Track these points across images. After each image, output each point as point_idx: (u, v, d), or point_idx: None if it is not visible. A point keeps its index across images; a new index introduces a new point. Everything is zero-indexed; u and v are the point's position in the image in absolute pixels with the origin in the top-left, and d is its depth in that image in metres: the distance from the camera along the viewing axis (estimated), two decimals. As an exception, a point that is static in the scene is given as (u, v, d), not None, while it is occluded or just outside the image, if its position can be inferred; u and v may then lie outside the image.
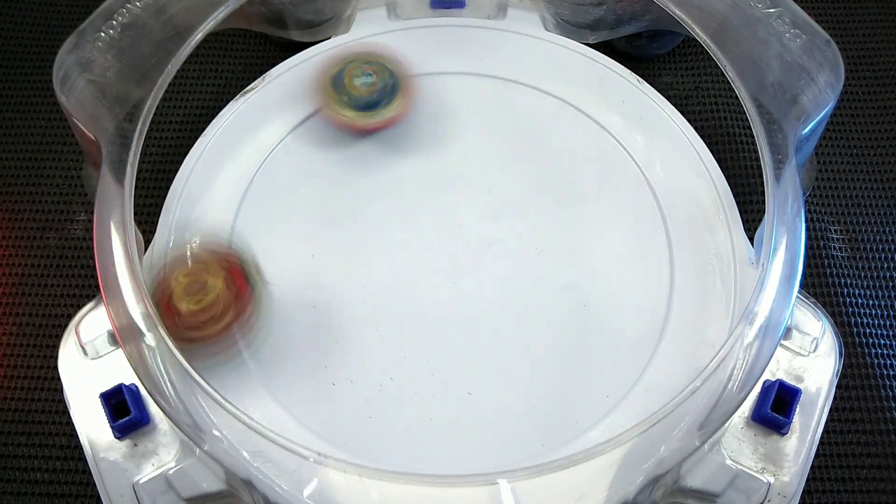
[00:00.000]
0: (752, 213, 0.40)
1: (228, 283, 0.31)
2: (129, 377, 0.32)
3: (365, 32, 0.41)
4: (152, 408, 0.32)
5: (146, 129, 0.34)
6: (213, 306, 0.31)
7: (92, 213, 0.33)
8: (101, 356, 0.33)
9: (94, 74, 0.35)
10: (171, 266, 0.32)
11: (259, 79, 0.40)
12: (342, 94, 0.38)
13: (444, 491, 0.29)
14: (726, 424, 0.31)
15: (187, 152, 0.38)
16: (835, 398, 0.33)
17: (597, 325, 0.35)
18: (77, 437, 0.32)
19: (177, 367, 0.30)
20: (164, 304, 0.31)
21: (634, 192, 0.37)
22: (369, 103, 0.37)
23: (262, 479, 0.30)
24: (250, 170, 0.38)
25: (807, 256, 0.32)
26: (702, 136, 0.39)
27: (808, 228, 0.36)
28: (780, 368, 0.33)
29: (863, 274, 0.40)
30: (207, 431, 0.31)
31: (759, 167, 0.34)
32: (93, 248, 0.32)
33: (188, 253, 0.33)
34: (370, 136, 0.39)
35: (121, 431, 0.31)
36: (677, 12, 0.37)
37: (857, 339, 0.39)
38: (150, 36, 0.36)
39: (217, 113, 0.39)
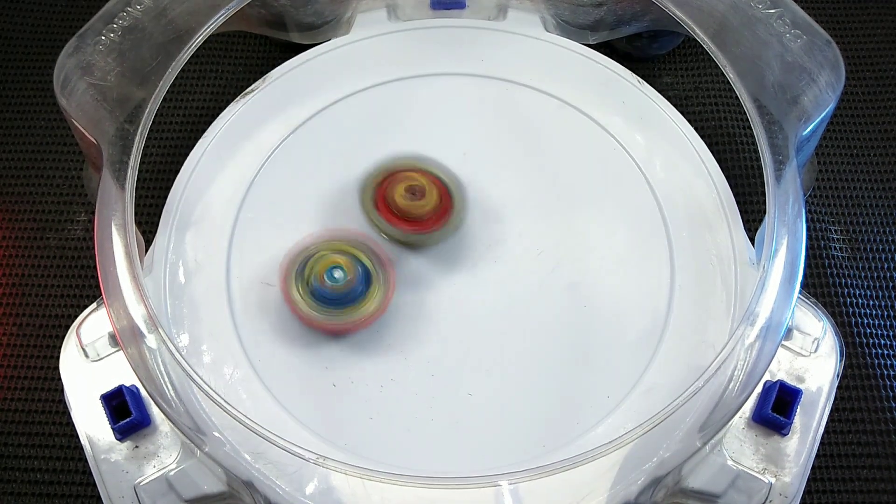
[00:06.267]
0: (752, 213, 0.40)
1: (441, 197, 0.35)
2: (129, 379, 0.32)
3: (365, 34, 0.41)
4: (153, 409, 0.32)
5: (147, 130, 0.34)
6: (429, 210, 0.35)
7: (92, 213, 0.33)
8: (101, 358, 0.33)
9: (94, 78, 0.35)
10: (388, 171, 0.36)
11: (259, 80, 0.40)
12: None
13: (445, 493, 0.29)
14: (727, 425, 0.31)
15: (188, 153, 0.38)
16: (835, 398, 0.33)
17: (597, 325, 0.35)
18: (78, 438, 0.32)
19: (177, 369, 0.30)
20: (380, 196, 0.35)
21: (634, 192, 0.37)
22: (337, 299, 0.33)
23: (263, 480, 0.30)
24: (251, 171, 0.38)
25: (807, 257, 0.32)
26: (702, 137, 0.38)
27: (808, 229, 0.36)
28: (780, 369, 0.33)
29: (863, 274, 0.40)
30: (208, 433, 0.31)
31: (760, 167, 0.34)
32: (94, 250, 0.32)
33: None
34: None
35: (122, 433, 0.31)
36: (677, 13, 0.37)
37: (857, 339, 0.39)
38: (150, 39, 0.36)
39: (218, 114, 0.39)
